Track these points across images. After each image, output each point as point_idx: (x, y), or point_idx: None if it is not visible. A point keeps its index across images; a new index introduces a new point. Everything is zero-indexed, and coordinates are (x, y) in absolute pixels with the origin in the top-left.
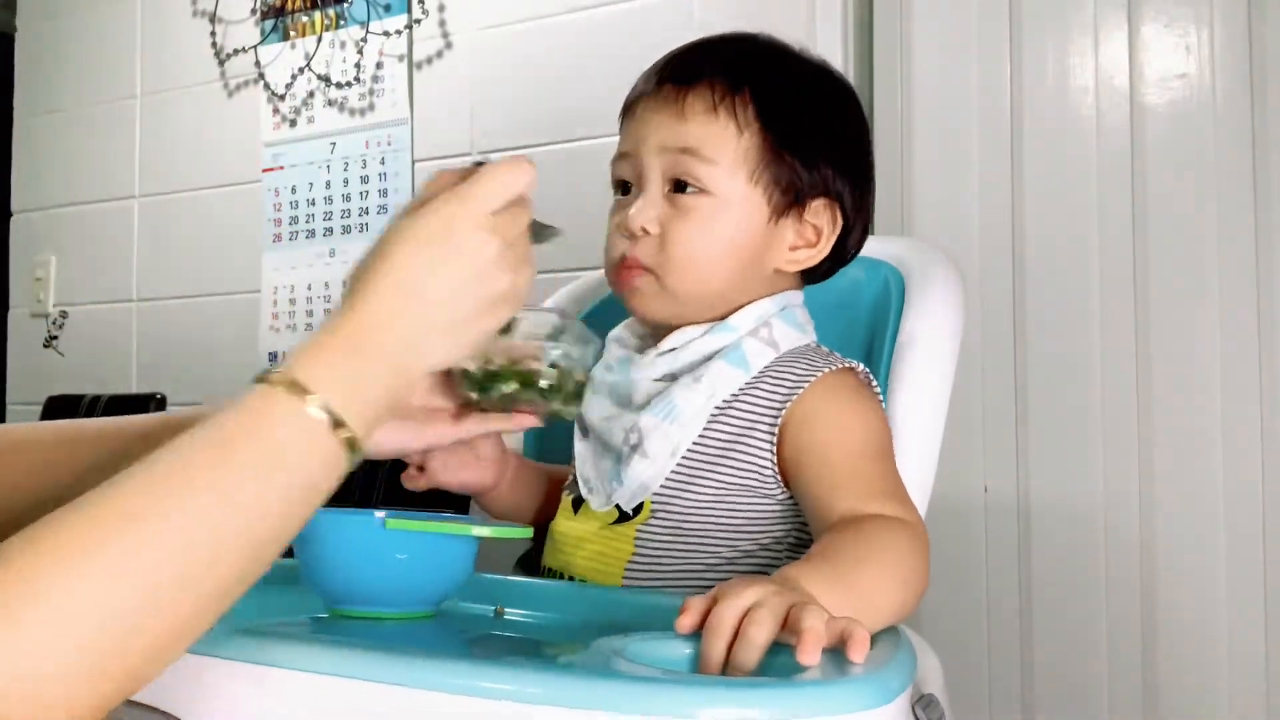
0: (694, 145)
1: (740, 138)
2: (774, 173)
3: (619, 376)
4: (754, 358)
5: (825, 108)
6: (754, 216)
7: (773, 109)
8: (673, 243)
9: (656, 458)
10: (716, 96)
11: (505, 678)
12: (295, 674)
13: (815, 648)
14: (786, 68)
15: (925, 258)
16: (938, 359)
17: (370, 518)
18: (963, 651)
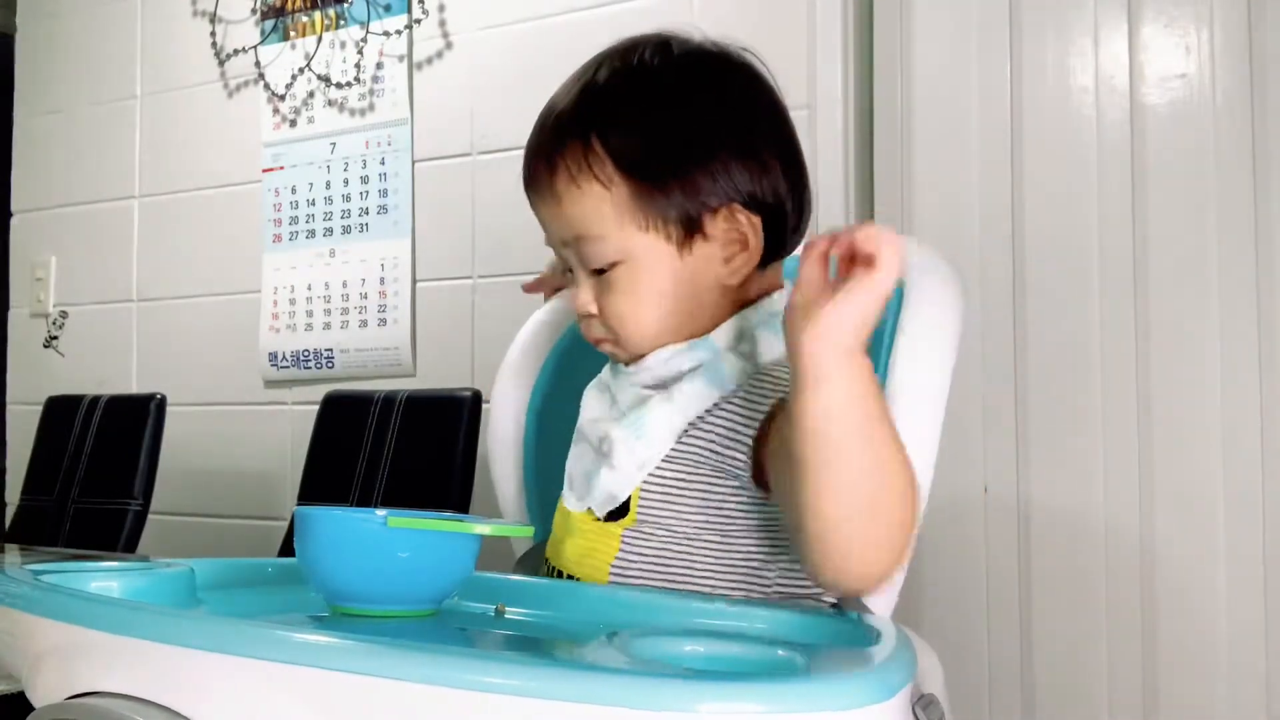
0: (579, 231)
1: (610, 196)
2: (658, 211)
3: (611, 378)
4: (731, 375)
5: (681, 116)
6: (666, 260)
7: (628, 150)
8: (611, 317)
9: (622, 469)
10: (574, 168)
11: (506, 673)
12: (298, 669)
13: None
14: (633, 92)
15: (925, 257)
16: (937, 359)
17: (372, 516)
18: (963, 651)
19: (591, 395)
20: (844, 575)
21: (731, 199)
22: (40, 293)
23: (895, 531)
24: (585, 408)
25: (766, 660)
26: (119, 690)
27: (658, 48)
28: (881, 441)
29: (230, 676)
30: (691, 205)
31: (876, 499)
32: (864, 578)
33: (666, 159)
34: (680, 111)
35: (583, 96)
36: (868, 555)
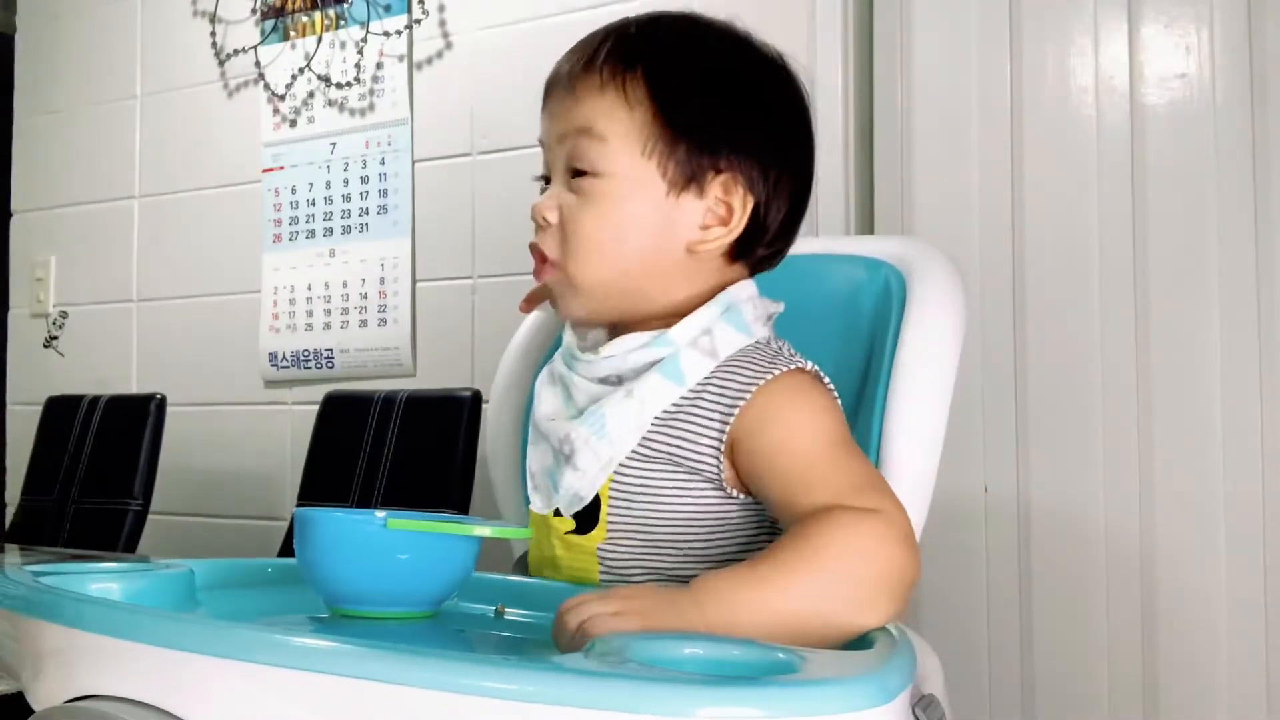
0: (584, 124)
1: (630, 113)
2: (667, 147)
3: (565, 369)
4: (690, 370)
5: (728, 85)
6: (649, 191)
7: (665, 86)
8: (570, 231)
9: (586, 470)
10: (606, 75)
11: (503, 677)
12: (296, 673)
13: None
14: (689, 44)
15: (926, 257)
16: (939, 359)
17: (371, 518)
18: (963, 651)
19: (545, 389)
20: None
21: (738, 172)
22: (40, 293)
23: (860, 588)
24: (539, 401)
25: (766, 662)
26: (118, 694)
27: (727, 27)
28: (803, 579)
29: (229, 680)
30: (702, 159)
31: (844, 593)
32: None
33: (701, 114)
34: (733, 87)
35: (642, 30)
36: (863, 614)
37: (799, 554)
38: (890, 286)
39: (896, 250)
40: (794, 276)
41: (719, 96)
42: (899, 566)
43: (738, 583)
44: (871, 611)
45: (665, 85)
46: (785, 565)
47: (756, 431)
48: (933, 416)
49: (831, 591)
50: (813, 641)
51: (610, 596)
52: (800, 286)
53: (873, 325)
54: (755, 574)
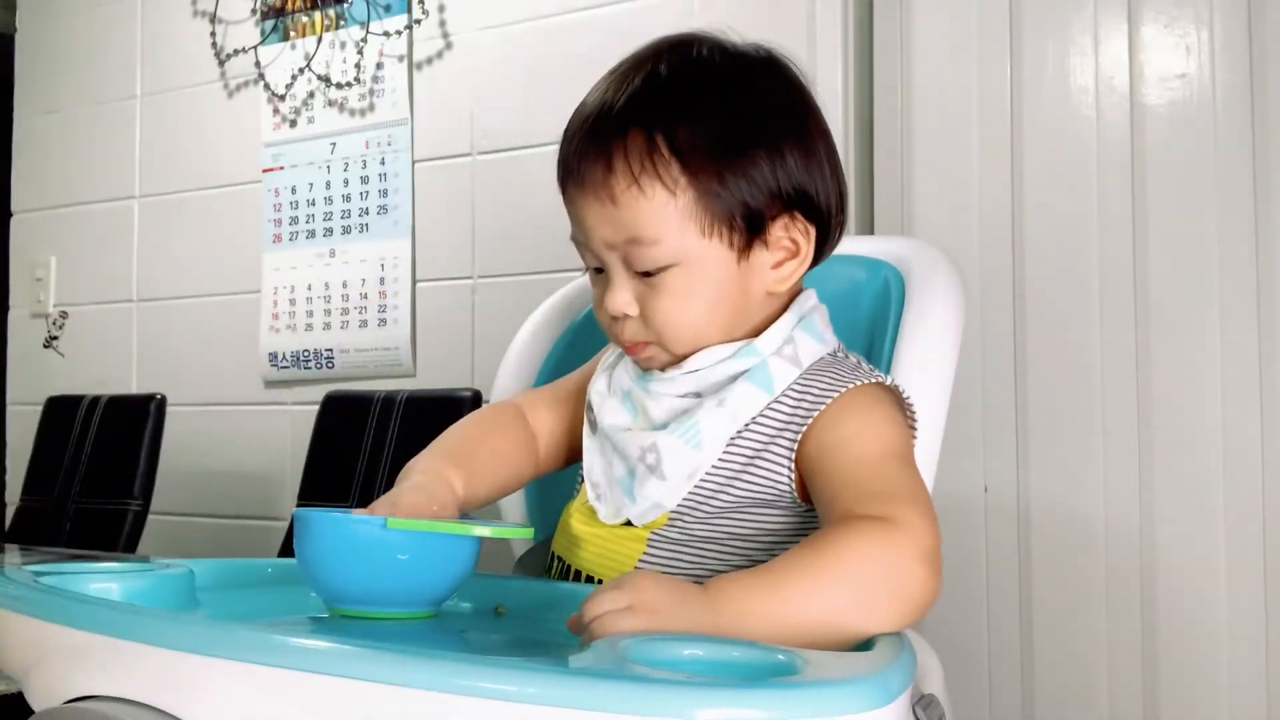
0: (634, 234)
1: (675, 200)
2: (723, 217)
3: (635, 385)
4: (778, 378)
5: (750, 117)
6: (723, 266)
7: (694, 152)
8: (656, 321)
9: (673, 479)
10: (636, 168)
11: (504, 678)
12: (295, 674)
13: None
14: (699, 87)
15: (925, 257)
16: (938, 359)
17: (371, 518)
18: (963, 651)
19: (607, 400)
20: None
21: (791, 206)
22: (40, 293)
23: (871, 601)
24: (604, 412)
25: (766, 664)
26: (117, 694)
27: (713, 45)
28: (816, 587)
29: (228, 681)
30: (757, 210)
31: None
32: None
33: (737, 163)
34: (746, 108)
35: (645, 89)
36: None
37: (817, 561)
38: (889, 286)
39: (896, 250)
40: None
41: (749, 135)
42: (916, 584)
43: (752, 586)
44: (883, 624)
45: (694, 152)
46: (801, 572)
47: (821, 436)
48: (932, 416)
49: (845, 602)
50: (820, 647)
51: (624, 589)
52: None
53: (872, 325)
54: (770, 579)
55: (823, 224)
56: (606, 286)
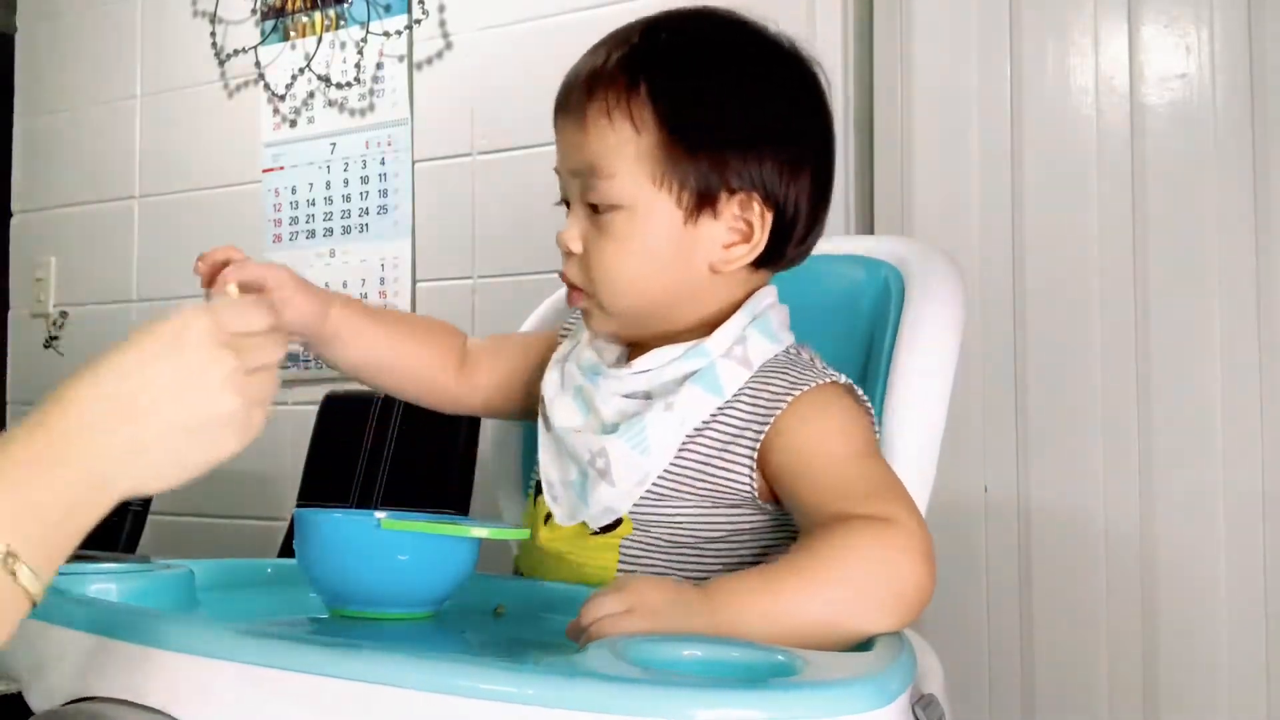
0: (593, 162)
1: (638, 140)
2: (679, 173)
3: (586, 381)
4: (727, 381)
5: (739, 95)
6: (668, 223)
7: (672, 105)
8: (594, 263)
9: (622, 484)
10: (612, 101)
11: (503, 680)
12: (294, 675)
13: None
14: (699, 53)
15: (925, 257)
16: (938, 359)
17: (368, 519)
18: (963, 651)
19: (559, 398)
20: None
21: (753, 188)
22: (40, 293)
23: (870, 599)
24: (554, 409)
25: (765, 664)
26: (117, 695)
27: (735, 21)
28: (816, 588)
29: (228, 682)
30: (713, 180)
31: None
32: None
33: (707, 129)
34: (738, 88)
35: (644, 39)
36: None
37: (815, 561)
38: (889, 286)
39: (895, 250)
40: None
41: (732, 111)
42: (914, 581)
43: (751, 587)
44: (882, 622)
45: (672, 105)
46: (800, 572)
47: (787, 440)
48: (931, 416)
49: (844, 601)
50: (819, 647)
51: (624, 592)
52: (799, 286)
53: (871, 325)
54: (770, 579)
55: (782, 221)
56: (567, 216)
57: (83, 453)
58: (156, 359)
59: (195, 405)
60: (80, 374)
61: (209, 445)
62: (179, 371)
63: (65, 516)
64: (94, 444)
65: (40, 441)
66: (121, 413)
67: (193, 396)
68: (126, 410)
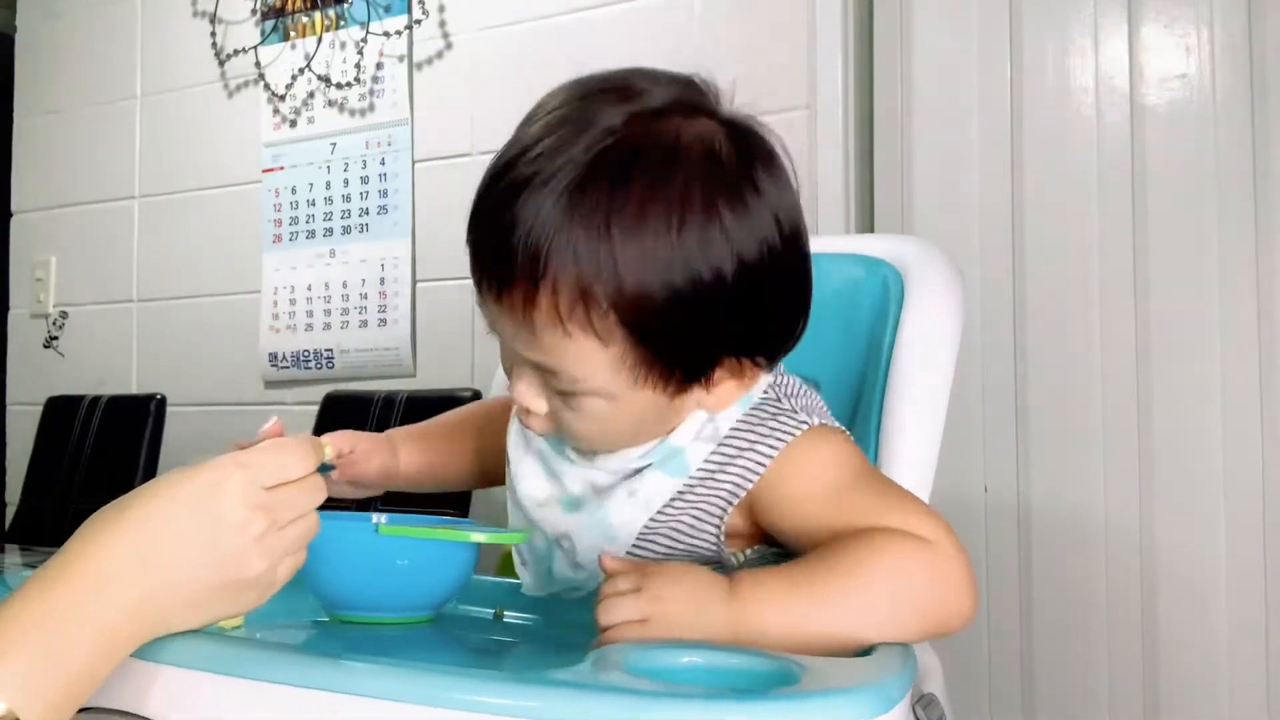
0: (555, 367)
1: (605, 350)
2: (660, 371)
3: (550, 452)
4: (693, 460)
5: (707, 261)
6: (649, 405)
7: (636, 306)
8: (567, 431)
9: (589, 567)
10: (564, 309)
11: (500, 692)
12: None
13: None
14: (650, 202)
15: (924, 257)
16: (937, 358)
17: (366, 523)
18: (963, 651)
19: (524, 460)
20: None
21: (740, 352)
22: (40, 293)
23: (895, 613)
24: (520, 476)
25: (765, 672)
26: (110, 705)
27: (668, 146)
28: (846, 602)
29: (225, 695)
30: (697, 364)
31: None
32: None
33: (683, 313)
34: (708, 236)
35: (580, 191)
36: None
37: (838, 569)
38: (888, 285)
39: (894, 249)
40: None
41: (708, 304)
42: (950, 609)
43: (779, 594)
44: (905, 638)
45: (641, 317)
46: (823, 578)
47: (777, 493)
48: (931, 415)
49: (863, 612)
50: (838, 654)
51: (641, 598)
52: None
53: (871, 324)
54: (791, 583)
55: (782, 349)
56: (514, 369)
57: (101, 610)
58: (186, 516)
59: (220, 569)
60: (106, 517)
61: (233, 603)
62: (209, 532)
63: (78, 675)
64: (113, 601)
65: (60, 596)
66: (143, 568)
67: (218, 559)
68: (150, 566)
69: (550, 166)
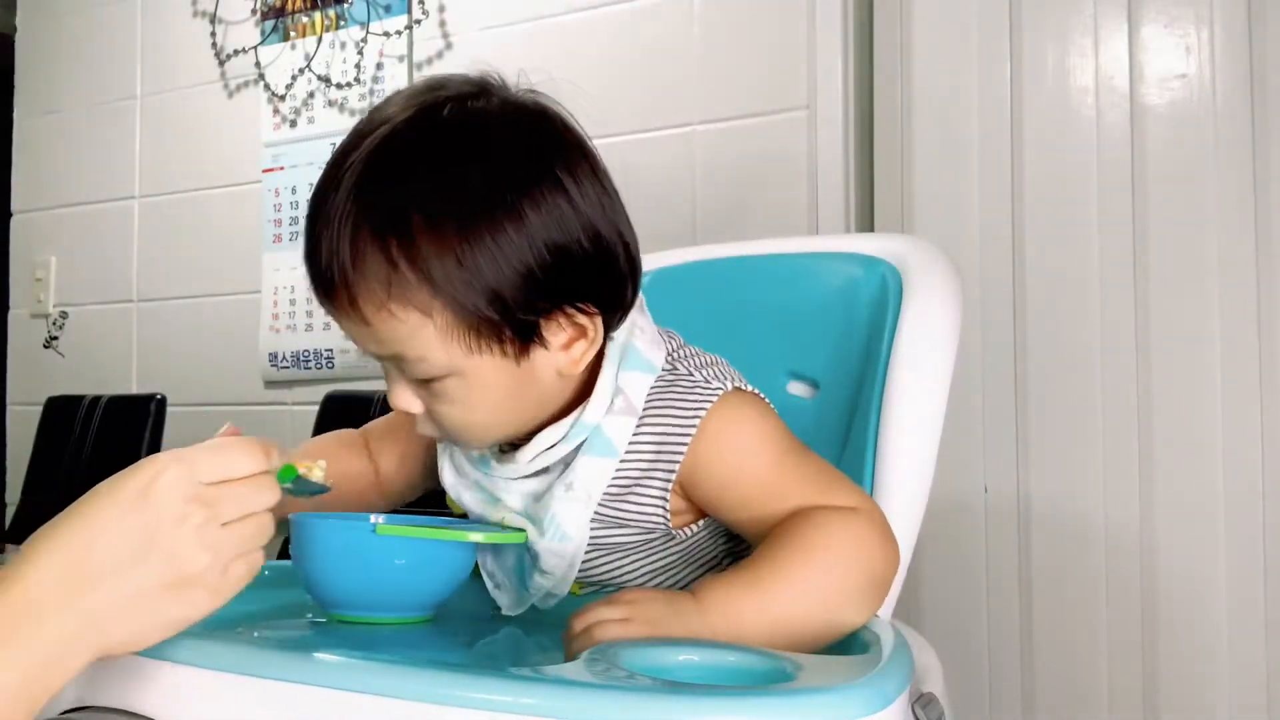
0: (396, 352)
1: (431, 322)
2: (488, 333)
3: (479, 473)
4: (617, 436)
5: (504, 215)
6: (501, 373)
7: (440, 268)
8: (441, 422)
9: (555, 572)
10: (381, 293)
11: (497, 689)
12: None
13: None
14: (437, 182)
15: (922, 255)
16: (936, 356)
17: (364, 523)
18: (963, 651)
19: (463, 491)
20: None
21: (561, 299)
22: (40, 293)
23: (850, 583)
24: (464, 502)
25: (762, 669)
26: (114, 705)
27: (454, 100)
28: (801, 581)
29: (223, 693)
30: (525, 323)
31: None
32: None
33: (495, 284)
34: (485, 183)
35: (370, 176)
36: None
37: (794, 556)
38: (887, 284)
39: (893, 248)
40: (791, 274)
41: (505, 254)
42: (884, 563)
43: (739, 589)
44: (864, 609)
45: (442, 272)
46: (783, 568)
47: (706, 472)
48: (930, 415)
49: (828, 592)
50: (810, 639)
51: (618, 602)
52: (797, 284)
53: (869, 323)
54: (755, 579)
55: (607, 278)
56: (386, 379)
57: (45, 624)
58: (120, 519)
59: (160, 567)
60: (46, 534)
61: (180, 604)
62: (143, 532)
63: (21, 691)
64: (56, 615)
65: (5, 606)
66: (85, 581)
67: (157, 558)
68: (91, 578)
69: (340, 170)
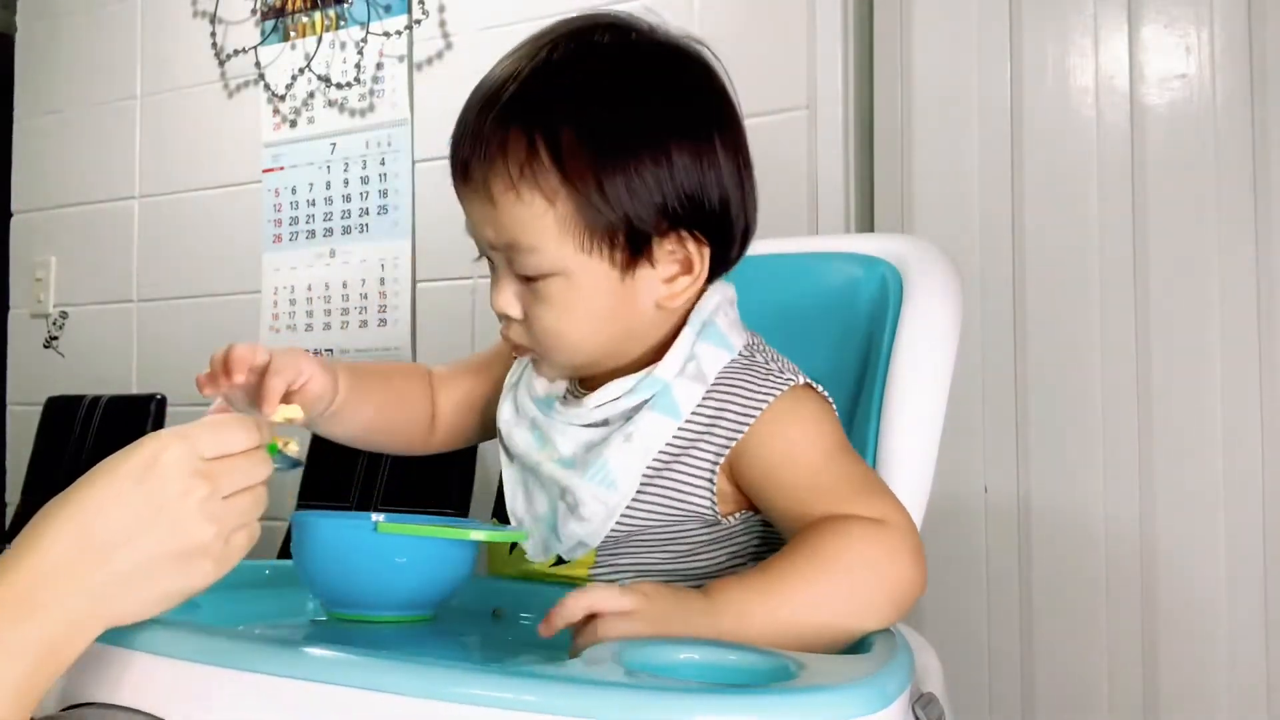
0: (512, 239)
1: (553, 210)
2: (604, 234)
3: (540, 413)
4: (684, 400)
5: (639, 118)
6: (606, 282)
7: (575, 160)
8: (537, 328)
9: (593, 520)
10: (514, 173)
11: (500, 686)
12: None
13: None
14: (586, 82)
15: (922, 255)
16: (936, 356)
17: (365, 521)
18: (963, 651)
19: (516, 428)
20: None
21: (680, 222)
22: (40, 293)
23: (870, 597)
24: (513, 440)
25: (763, 668)
26: (114, 701)
27: (616, 30)
28: (815, 589)
29: (224, 688)
30: (638, 226)
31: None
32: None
33: (617, 167)
34: (635, 107)
35: (533, 80)
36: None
37: (811, 563)
38: (887, 284)
39: (893, 248)
40: (791, 274)
41: (638, 160)
42: (908, 580)
43: (751, 591)
44: (877, 622)
45: (577, 161)
46: (798, 574)
47: (758, 454)
48: (931, 415)
49: (842, 601)
50: (818, 647)
51: (626, 593)
52: (797, 284)
53: (869, 323)
54: (768, 582)
55: (721, 235)
56: (494, 281)
57: (57, 599)
58: (127, 493)
59: (167, 538)
60: (53, 510)
61: (186, 575)
62: (149, 505)
63: (38, 665)
64: (68, 589)
65: (11, 590)
66: (94, 554)
67: (164, 529)
68: (100, 550)
69: (511, 73)
